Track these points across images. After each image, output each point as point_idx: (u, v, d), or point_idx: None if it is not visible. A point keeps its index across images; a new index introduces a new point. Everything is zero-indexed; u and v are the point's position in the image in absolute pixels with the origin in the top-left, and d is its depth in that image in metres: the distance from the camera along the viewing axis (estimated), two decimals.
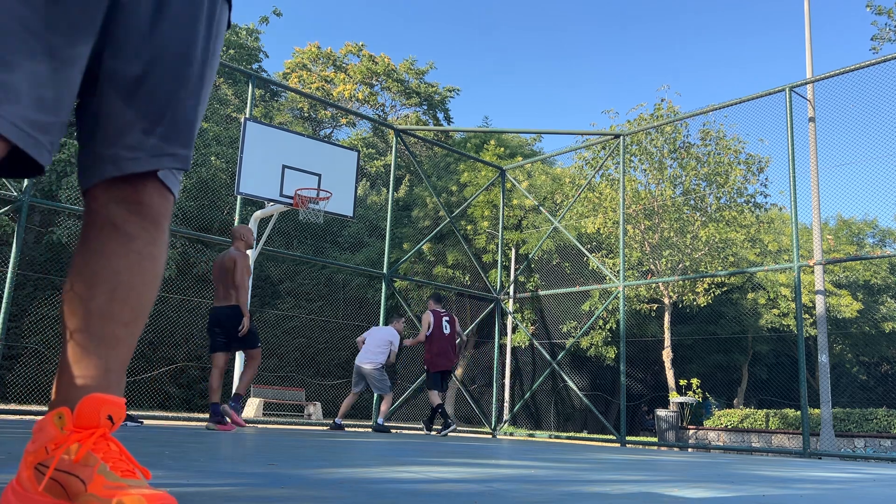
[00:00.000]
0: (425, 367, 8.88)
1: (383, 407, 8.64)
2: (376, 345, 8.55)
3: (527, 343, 17.79)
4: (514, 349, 17.68)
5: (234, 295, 6.50)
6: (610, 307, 16.19)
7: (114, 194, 1.14)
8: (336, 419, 8.52)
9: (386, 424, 8.81)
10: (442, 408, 8.68)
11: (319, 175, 9.08)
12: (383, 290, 11.23)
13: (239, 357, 8.16)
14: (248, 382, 6.65)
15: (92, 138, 1.14)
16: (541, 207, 14.27)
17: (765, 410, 17.05)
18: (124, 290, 1.14)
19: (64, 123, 1.04)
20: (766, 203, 16.74)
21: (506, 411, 15.75)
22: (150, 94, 1.13)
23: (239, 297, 6.50)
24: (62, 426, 1.05)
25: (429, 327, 8.78)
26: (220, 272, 6.62)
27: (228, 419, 6.44)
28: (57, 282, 14.88)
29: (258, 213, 8.96)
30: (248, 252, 7.24)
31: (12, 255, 7.73)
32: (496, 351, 12.94)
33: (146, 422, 7.75)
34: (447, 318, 8.83)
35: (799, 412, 14.40)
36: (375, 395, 9.63)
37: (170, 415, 10.10)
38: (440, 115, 30.32)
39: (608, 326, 18.60)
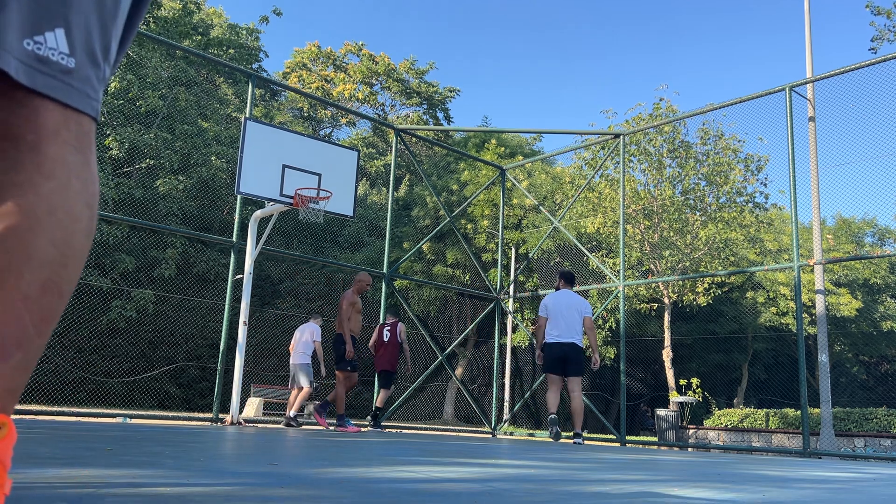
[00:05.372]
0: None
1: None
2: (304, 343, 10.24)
3: (527, 343, 17.80)
4: (514, 349, 17.68)
5: None
6: (610, 306, 16.19)
7: None
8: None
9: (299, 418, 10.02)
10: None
11: (319, 175, 9.07)
12: (383, 290, 11.23)
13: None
14: None
15: None
16: (541, 207, 14.26)
17: (765, 410, 17.05)
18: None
19: None
20: (766, 203, 16.73)
21: (506, 411, 15.75)
22: None
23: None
24: None
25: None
26: None
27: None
28: None
29: (258, 213, 8.96)
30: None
31: None
32: (496, 350, 12.94)
33: (145, 421, 7.74)
34: (388, 328, 9.85)
35: (799, 411, 14.40)
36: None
37: (170, 414, 10.09)
38: (440, 115, 30.33)
39: (608, 326, 18.60)
